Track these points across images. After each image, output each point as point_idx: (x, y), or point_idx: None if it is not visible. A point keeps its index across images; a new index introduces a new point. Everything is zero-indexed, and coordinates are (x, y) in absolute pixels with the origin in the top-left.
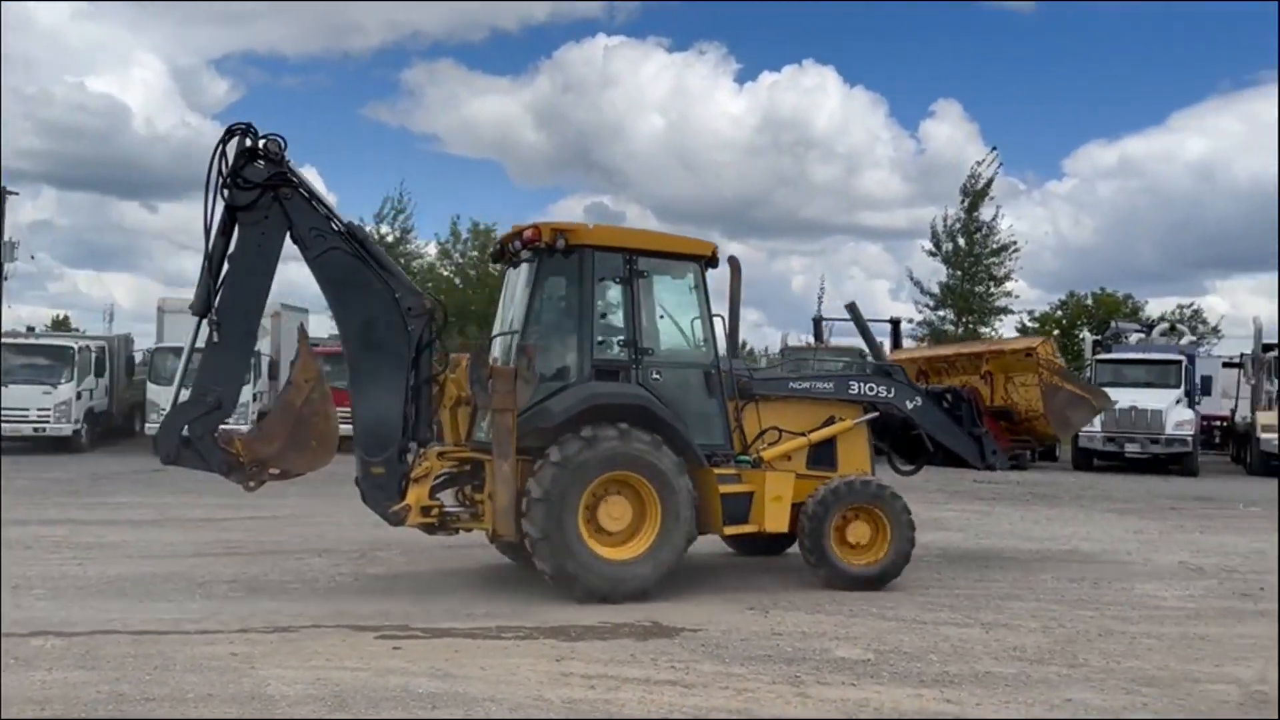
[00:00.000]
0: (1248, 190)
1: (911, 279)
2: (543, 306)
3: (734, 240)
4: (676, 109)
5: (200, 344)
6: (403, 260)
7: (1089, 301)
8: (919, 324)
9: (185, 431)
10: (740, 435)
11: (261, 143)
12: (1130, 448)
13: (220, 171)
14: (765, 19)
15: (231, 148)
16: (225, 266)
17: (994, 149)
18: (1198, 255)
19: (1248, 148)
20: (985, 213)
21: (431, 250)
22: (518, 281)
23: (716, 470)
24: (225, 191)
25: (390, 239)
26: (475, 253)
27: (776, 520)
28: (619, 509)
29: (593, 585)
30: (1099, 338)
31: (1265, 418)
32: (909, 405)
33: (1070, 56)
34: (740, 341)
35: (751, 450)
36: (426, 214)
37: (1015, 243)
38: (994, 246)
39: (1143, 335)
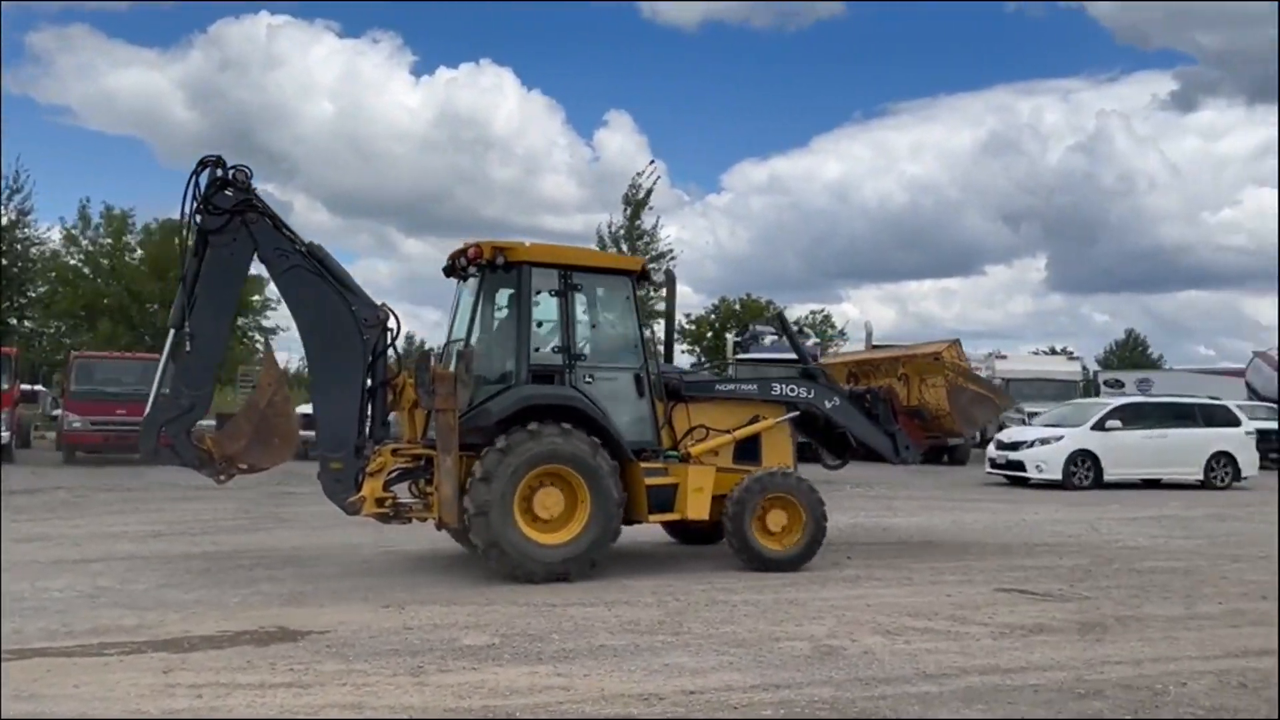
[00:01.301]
0: (875, 210)
1: None
2: (486, 317)
3: (413, 236)
4: (348, 96)
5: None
6: (19, 246)
7: (737, 306)
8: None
9: (162, 431)
10: (670, 432)
11: (230, 173)
12: None
13: (193, 198)
14: (441, 14)
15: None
16: (197, 284)
17: (653, 162)
18: (834, 266)
19: (875, 172)
20: (646, 221)
21: (56, 236)
22: (465, 294)
23: (644, 464)
24: (198, 217)
25: (3, 221)
26: (109, 240)
27: (698, 509)
28: (552, 499)
29: (531, 568)
30: (739, 339)
31: None
32: (828, 405)
33: (728, 77)
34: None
35: (680, 446)
36: (53, 194)
37: (671, 250)
38: (653, 254)
39: (775, 337)
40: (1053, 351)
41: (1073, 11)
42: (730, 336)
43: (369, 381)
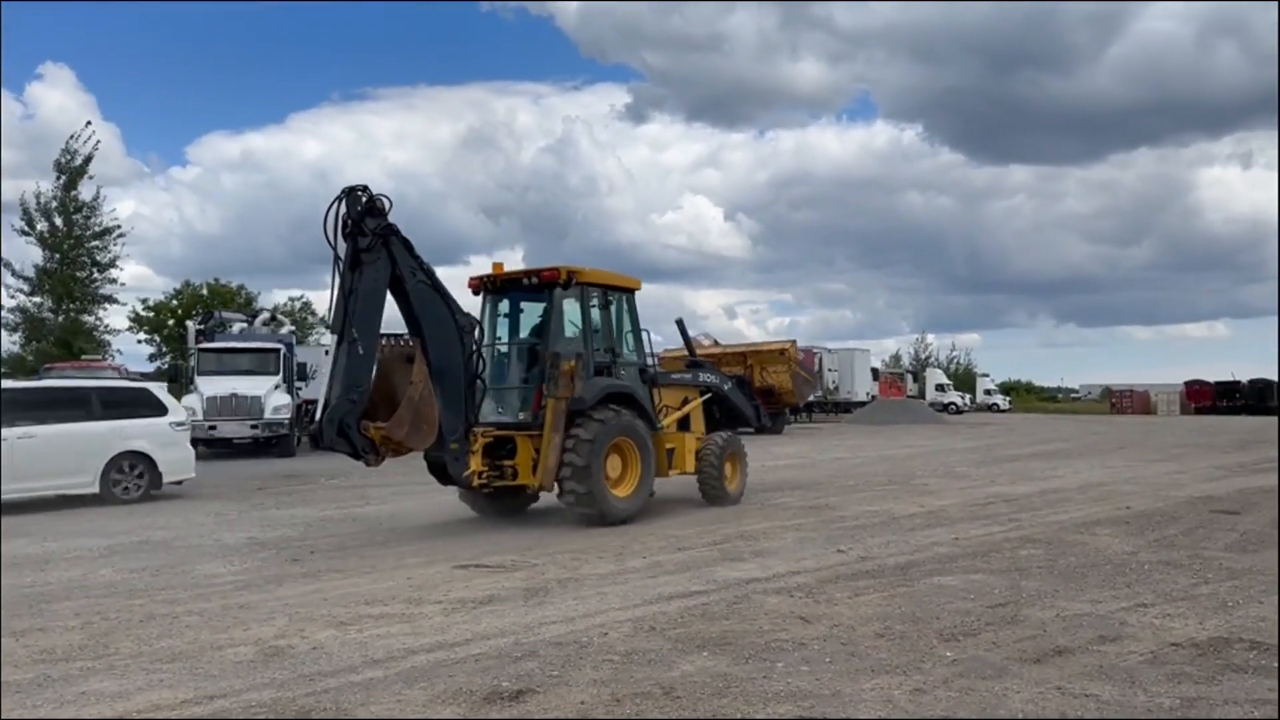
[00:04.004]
0: None
1: None
2: (559, 325)
3: None
4: None
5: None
6: None
7: (204, 291)
8: (11, 311)
9: (341, 423)
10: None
11: (376, 202)
12: (230, 431)
13: (345, 222)
14: None
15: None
16: (353, 296)
17: (89, 124)
18: (317, 251)
19: (357, 156)
20: (86, 192)
21: None
22: (520, 306)
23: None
24: (350, 238)
25: None
26: None
27: (689, 465)
28: (615, 462)
29: (610, 513)
30: (201, 327)
31: None
32: (726, 387)
33: (193, 39)
34: None
35: (656, 421)
36: None
37: (119, 226)
38: (96, 229)
39: (245, 325)
40: None
41: (542, 20)
42: (192, 324)
43: (466, 377)
